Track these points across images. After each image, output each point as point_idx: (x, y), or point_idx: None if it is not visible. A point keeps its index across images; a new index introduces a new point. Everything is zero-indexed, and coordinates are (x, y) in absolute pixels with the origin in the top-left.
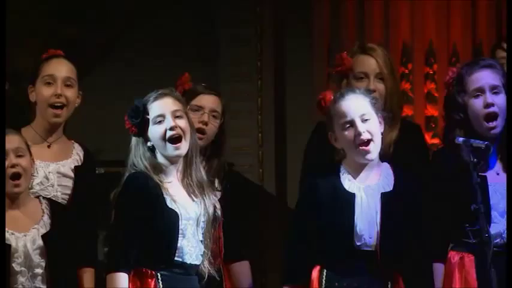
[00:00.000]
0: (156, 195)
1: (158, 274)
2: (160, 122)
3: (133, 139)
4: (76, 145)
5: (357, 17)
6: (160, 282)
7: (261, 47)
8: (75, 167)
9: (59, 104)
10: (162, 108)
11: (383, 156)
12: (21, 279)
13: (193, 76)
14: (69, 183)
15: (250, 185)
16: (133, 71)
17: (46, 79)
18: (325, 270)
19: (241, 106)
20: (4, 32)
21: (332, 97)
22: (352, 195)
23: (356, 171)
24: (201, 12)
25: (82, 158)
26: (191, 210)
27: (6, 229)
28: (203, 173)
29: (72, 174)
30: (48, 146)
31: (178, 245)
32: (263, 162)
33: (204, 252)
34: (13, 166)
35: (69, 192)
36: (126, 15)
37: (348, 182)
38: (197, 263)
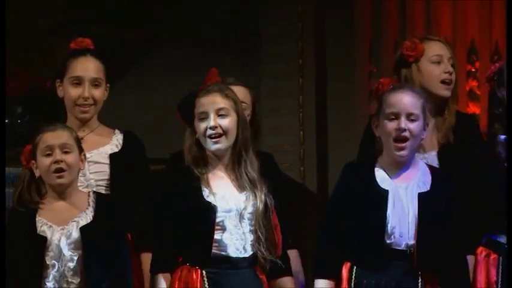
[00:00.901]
0: (194, 188)
1: (203, 271)
2: (203, 119)
3: (187, 130)
4: (117, 132)
5: (398, 15)
6: (206, 279)
7: (302, 44)
8: (111, 154)
9: (86, 106)
10: (206, 106)
11: (444, 146)
12: (53, 272)
13: (234, 74)
14: (102, 169)
15: (290, 181)
16: (174, 70)
17: (73, 80)
18: (354, 267)
19: (282, 104)
20: (4, 31)
21: (390, 85)
22: (385, 192)
23: (391, 168)
24: (243, 10)
25: (121, 144)
26: (232, 203)
27: (46, 221)
28: (255, 166)
29: (106, 161)
30: (81, 138)
31: (219, 238)
32: (304, 160)
33: (255, 243)
34: (57, 162)
35: (103, 178)
36: (165, 12)
37: (382, 179)
38: (246, 255)
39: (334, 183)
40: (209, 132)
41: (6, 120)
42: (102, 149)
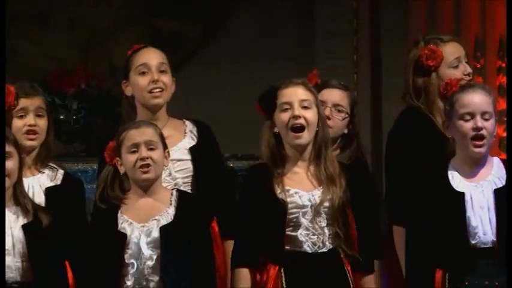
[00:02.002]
0: (268, 185)
1: (281, 267)
2: (286, 109)
3: (264, 124)
4: (188, 123)
5: (453, 11)
6: (283, 275)
7: (357, 40)
8: (190, 147)
9: (157, 90)
10: (290, 96)
11: None
12: (132, 271)
13: (289, 70)
14: (186, 165)
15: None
16: (229, 66)
17: (140, 69)
18: (446, 273)
19: None
20: (4, 31)
21: (458, 84)
22: (461, 195)
23: (465, 169)
24: (298, 6)
25: (196, 135)
26: (306, 199)
27: (127, 218)
28: (335, 163)
29: (187, 156)
30: None
31: (294, 234)
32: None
33: (333, 238)
34: (143, 159)
35: (189, 174)
36: (222, 7)
37: (456, 181)
38: (324, 250)
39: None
40: (292, 122)
41: (62, 116)
42: (181, 144)
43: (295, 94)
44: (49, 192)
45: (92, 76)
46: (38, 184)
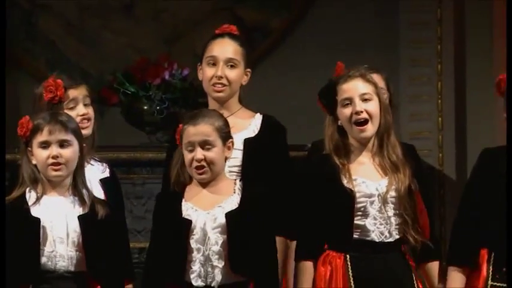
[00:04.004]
0: (333, 176)
1: (347, 256)
2: (347, 104)
3: (327, 118)
4: (258, 116)
5: None
6: (349, 263)
7: (441, 31)
8: (245, 139)
9: (219, 85)
10: (350, 91)
11: None
12: (197, 256)
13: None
14: (236, 155)
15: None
16: (312, 56)
17: (209, 60)
18: (492, 253)
19: (420, 90)
20: (4, 31)
21: None
22: None
23: None
24: None
25: (258, 129)
26: (374, 188)
27: (192, 205)
28: (398, 149)
29: (240, 147)
30: None
31: (362, 223)
32: (443, 147)
33: (402, 227)
34: (197, 160)
35: (236, 164)
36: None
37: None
38: (391, 240)
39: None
40: (355, 117)
41: (145, 107)
42: (240, 134)
43: (355, 89)
44: (104, 183)
45: (176, 67)
46: (92, 176)
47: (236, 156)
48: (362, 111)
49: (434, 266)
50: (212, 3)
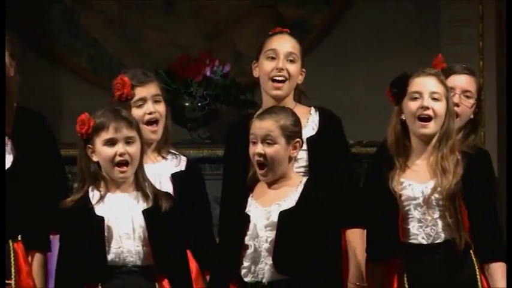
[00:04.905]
0: (385, 177)
1: (400, 260)
2: (415, 98)
3: (394, 108)
4: (313, 111)
5: None
6: (404, 267)
7: (482, 27)
8: (308, 138)
9: (280, 78)
10: (421, 86)
11: None
12: (249, 252)
13: (414, 57)
14: (301, 155)
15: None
16: (353, 53)
17: (268, 53)
18: None
19: None
20: (4, 31)
21: None
22: None
23: None
24: None
25: (317, 125)
26: (418, 191)
27: (254, 201)
28: (455, 154)
29: (304, 147)
30: None
31: (407, 227)
32: (485, 143)
33: (447, 230)
34: (258, 154)
35: (302, 165)
36: None
37: None
38: (439, 241)
39: None
40: (419, 112)
41: (186, 104)
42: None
43: (427, 84)
44: (175, 177)
45: (217, 63)
46: (164, 170)
47: (302, 157)
48: (428, 108)
49: (496, 269)
50: (253, 0)
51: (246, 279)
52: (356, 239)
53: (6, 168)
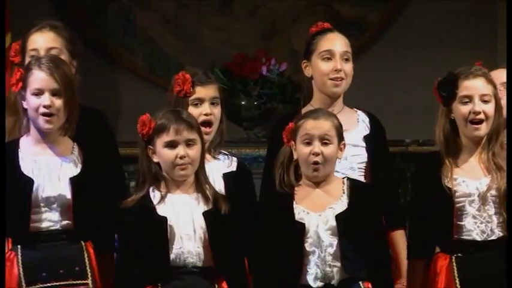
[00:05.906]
0: (437, 174)
1: (452, 257)
2: (466, 102)
3: (440, 109)
4: (360, 113)
5: None
6: (455, 264)
7: None
8: (364, 136)
9: (339, 79)
10: (471, 90)
11: None
12: (313, 258)
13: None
14: (361, 151)
15: None
16: (409, 51)
17: (324, 54)
18: None
19: None
20: (4, 31)
21: None
22: None
23: None
24: None
25: (369, 125)
26: (473, 187)
27: (303, 208)
28: (503, 152)
29: (362, 143)
30: None
31: (462, 223)
32: None
33: (502, 225)
34: (316, 154)
35: (362, 161)
36: None
37: None
38: (494, 238)
39: None
40: (471, 116)
41: (243, 102)
42: (356, 131)
43: (477, 88)
44: (226, 178)
45: (274, 62)
46: (215, 170)
47: (362, 153)
48: (480, 112)
49: None
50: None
51: (314, 286)
52: (403, 239)
53: (77, 172)
